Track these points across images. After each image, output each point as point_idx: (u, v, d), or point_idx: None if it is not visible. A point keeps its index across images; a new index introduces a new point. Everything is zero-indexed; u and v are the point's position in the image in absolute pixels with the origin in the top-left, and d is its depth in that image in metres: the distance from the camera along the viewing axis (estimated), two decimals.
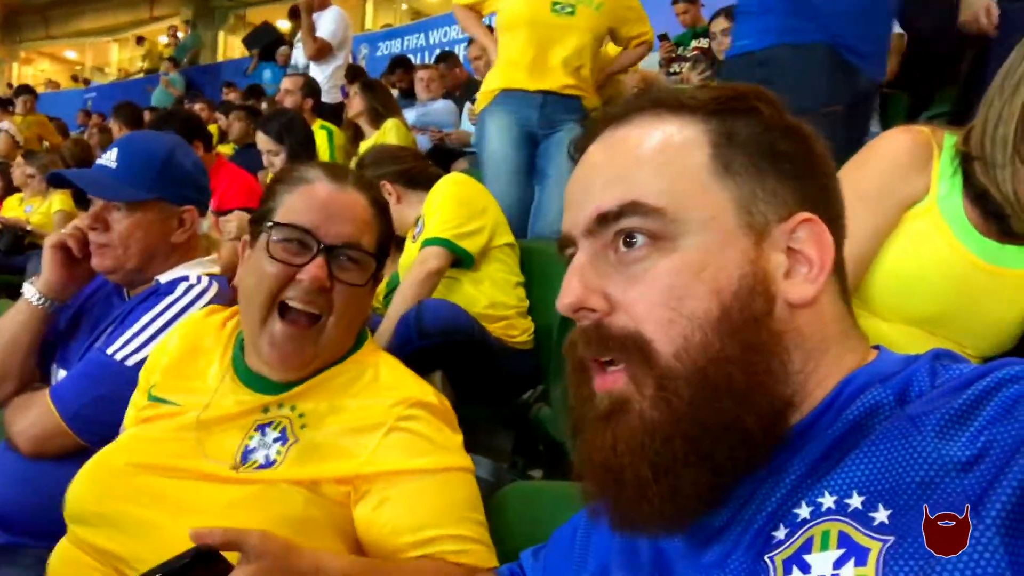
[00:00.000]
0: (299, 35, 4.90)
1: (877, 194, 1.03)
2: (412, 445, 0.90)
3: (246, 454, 0.90)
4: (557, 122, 2.58)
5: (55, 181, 1.30)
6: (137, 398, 1.04)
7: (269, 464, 0.88)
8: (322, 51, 4.66)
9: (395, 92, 5.21)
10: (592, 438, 0.53)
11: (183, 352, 1.03)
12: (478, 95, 2.72)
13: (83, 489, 0.90)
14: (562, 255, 0.58)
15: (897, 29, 2.62)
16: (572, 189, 0.57)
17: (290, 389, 0.94)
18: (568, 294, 0.53)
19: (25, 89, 7.96)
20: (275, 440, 0.90)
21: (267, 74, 8.07)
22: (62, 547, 0.90)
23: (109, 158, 1.28)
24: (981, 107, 1.00)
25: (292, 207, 0.94)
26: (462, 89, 4.92)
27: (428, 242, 1.93)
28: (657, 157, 0.53)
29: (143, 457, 0.90)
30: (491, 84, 2.61)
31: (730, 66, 1.84)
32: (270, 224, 0.93)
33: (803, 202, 0.53)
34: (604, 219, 0.53)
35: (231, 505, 0.84)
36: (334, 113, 4.40)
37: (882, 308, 1.10)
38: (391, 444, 0.89)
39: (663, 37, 5.00)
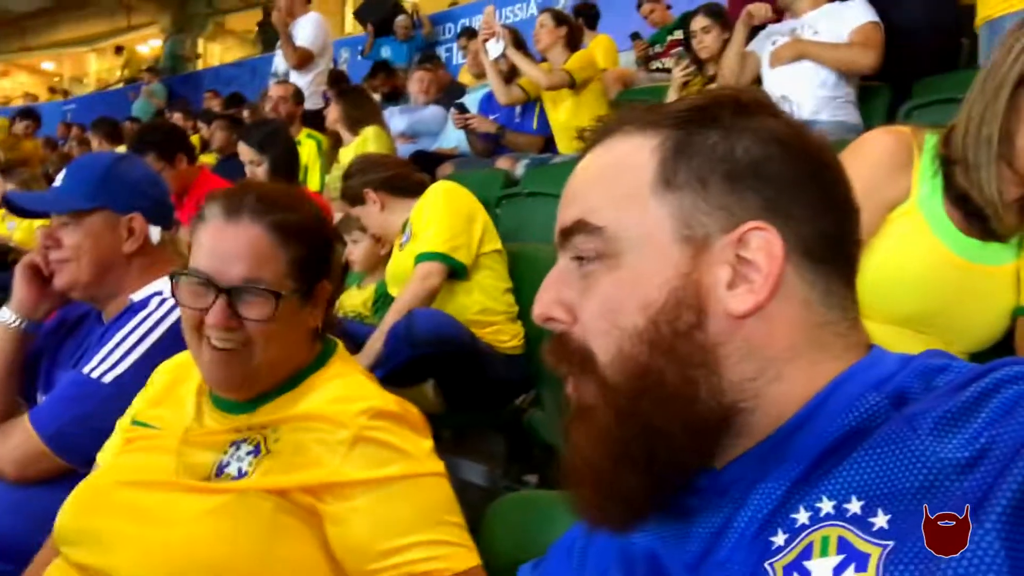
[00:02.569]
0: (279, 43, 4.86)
1: (861, 196, 1.03)
2: (377, 455, 0.90)
3: (220, 468, 0.92)
4: None
5: (7, 206, 1.32)
6: (123, 423, 1.07)
7: (241, 475, 0.91)
8: (304, 60, 4.59)
9: (377, 97, 5.19)
10: (568, 438, 0.56)
11: (165, 383, 1.06)
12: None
13: (67, 510, 0.93)
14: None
15: (874, 18, 2.60)
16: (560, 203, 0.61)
17: (256, 407, 0.96)
18: (537, 304, 0.57)
19: (28, 114, 7.84)
20: (248, 453, 0.93)
21: (385, 51, 6.89)
22: (52, 567, 0.92)
23: (59, 179, 1.31)
24: (962, 107, 1.00)
25: (196, 250, 0.95)
26: (445, 92, 4.89)
27: (425, 256, 1.94)
28: (607, 177, 0.56)
29: (125, 476, 0.94)
30: None
31: None
32: (180, 272, 0.95)
33: (761, 211, 0.52)
34: (564, 235, 0.56)
35: (204, 514, 0.87)
36: (316, 119, 4.36)
37: (869, 309, 1.09)
38: (357, 455, 0.90)
39: (636, 36, 4.99)
